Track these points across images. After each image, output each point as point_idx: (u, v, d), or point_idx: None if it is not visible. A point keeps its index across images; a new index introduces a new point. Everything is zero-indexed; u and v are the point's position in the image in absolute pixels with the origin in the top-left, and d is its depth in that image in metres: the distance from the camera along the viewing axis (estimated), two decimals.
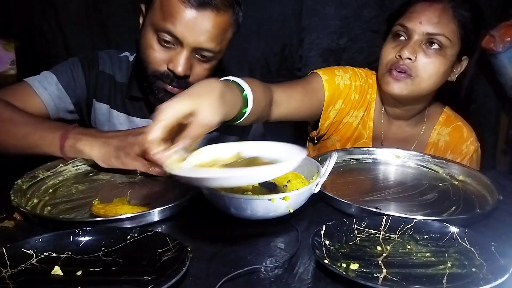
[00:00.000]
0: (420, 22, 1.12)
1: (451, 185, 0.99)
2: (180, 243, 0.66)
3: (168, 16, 0.97)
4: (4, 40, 1.99)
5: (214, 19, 0.98)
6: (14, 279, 0.61)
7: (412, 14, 1.14)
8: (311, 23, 1.67)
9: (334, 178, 0.98)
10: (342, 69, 1.29)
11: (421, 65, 1.12)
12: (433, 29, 1.11)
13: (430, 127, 1.29)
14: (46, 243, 0.67)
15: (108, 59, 1.20)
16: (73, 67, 1.17)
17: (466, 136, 1.27)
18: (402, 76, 1.13)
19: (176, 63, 1.00)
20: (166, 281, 0.57)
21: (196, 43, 0.99)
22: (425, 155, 1.11)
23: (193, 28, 0.97)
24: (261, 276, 0.64)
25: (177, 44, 1.00)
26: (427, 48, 1.12)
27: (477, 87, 1.74)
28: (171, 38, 0.99)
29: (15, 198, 0.83)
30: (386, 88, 1.16)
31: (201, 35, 0.98)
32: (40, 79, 1.13)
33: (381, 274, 0.63)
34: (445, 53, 1.13)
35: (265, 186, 0.85)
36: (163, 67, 1.03)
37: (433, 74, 1.13)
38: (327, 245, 0.68)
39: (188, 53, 1.00)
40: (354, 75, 1.28)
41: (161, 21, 0.98)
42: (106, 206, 0.81)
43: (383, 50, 1.19)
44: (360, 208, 0.82)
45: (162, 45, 1.01)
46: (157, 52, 1.02)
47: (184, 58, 1.00)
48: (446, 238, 0.71)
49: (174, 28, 0.97)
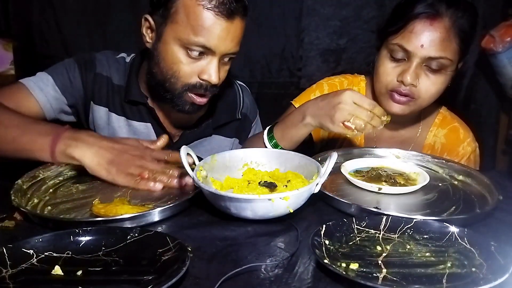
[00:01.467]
0: (422, 45, 1.06)
1: (451, 185, 0.99)
2: (180, 243, 0.66)
3: (199, 29, 0.97)
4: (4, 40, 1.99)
5: (240, 25, 1.01)
6: (14, 279, 0.61)
7: (412, 35, 1.07)
8: (311, 23, 1.67)
9: (334, 178, 0.98)
10: (318, 88, 1.30)
11: (424, 87, 1.10)
12: (435, 52, 1.07)
13: (426, 129, 1.28)
14: (46, 243, 0.67)
15: (105, 61, 1.18)
16: (69, 68, 1.15)
17: (462, 137, 1.26)
18: (404, 100, 1.11)
19: (210, 72, 1.01)
20: (166, 281, 0.57)
21: (226, 50, 1.01)
22: (425, 155, 1.11)
23: (226, 38, 0.99)
24: (261, 276, 0.64)
25: (207, 53, 1.00)
26: (428, 70, 1.10)
27: (477, 87, 1.74)
28: (202, 50, 0.99)
29: (16, 198, 0.83)
30: (388, 108, 1.13)
31: (231, 42, 1.01)
32: (36, 80, 1.12)
33: (381, 274, 0.63)
34: (446, 72, 1.11)
35: (265, 186, 0.85)
36: (194, 79, 1.03)
37: (435, 93, 1.13)
38: (327, 245, 0.68)
39: (218, 60, 1.01)
40: (332, 89, 1.27)
41: (191, 35, 0.97)
42: (106, 206, 0.81)
43: (380, 68, 1.14)
44: (360, 208, 0.82)
45: (192, 58, 1.00)
46: (186, 65, 1.01)
47: (216, 67, 1.01)
48: (446, 238, 0.71)
49: (207, 41, 0.98)
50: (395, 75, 1.11)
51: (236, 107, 1.27)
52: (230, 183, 0.88)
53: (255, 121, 1.34)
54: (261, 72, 1.71)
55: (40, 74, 1.14)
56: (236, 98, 1.27)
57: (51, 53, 1.66)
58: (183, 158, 0.83)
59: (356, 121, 0.95)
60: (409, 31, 1.08)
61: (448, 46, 1.08)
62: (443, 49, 1.07)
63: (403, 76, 1.09)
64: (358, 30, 1.67)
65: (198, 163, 0.87)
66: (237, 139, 1.29)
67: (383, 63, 1.14)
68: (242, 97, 1.28)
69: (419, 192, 0.94)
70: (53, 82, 1.12)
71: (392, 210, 0.83)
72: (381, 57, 1.15)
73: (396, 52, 1.10)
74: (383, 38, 1.15)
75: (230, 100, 1.26)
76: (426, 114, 1.27)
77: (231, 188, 0.86)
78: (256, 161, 0.95)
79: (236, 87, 1.29)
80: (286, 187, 0.83)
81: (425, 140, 1.28)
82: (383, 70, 1.14)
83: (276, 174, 0.92)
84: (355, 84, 1.31)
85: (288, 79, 1.72)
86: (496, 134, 1.82)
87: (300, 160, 0.91)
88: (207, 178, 0.87)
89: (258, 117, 1.36)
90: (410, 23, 1.08)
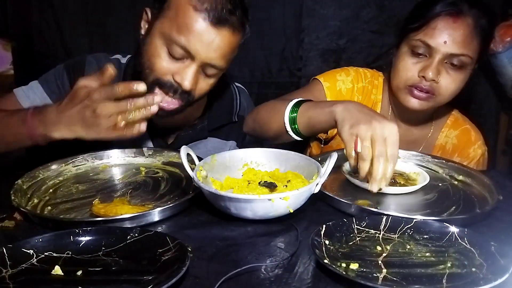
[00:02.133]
0: (445, 42, 1.07)
1: (451, 185, 0.99)
2: (180, 243, 0.66)
3: (183, 29, 0.94)
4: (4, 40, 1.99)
5: (229, 38, 0.96)
6: (14, 279, 0.61)
7: (435, 32, 1.08)
8: (311, 23, 1.67)
9: (334, 178, 0.98)
10: (344, 71, 1.28)
11: (444, 84, 1.10)
12: (457, 49, 1.08)
13: (438, 130, 1.29)
14: (46, 243, 0.67)
15: (96, 63, 1.15)
16: (58, 75, 1.15)
17: (474, 139, 1.26)
18: (424, 96, 1.12)
19: (184, 76, 0.97)
20: (166, 281, 0.57)
21: (207, 59, 0.96)
22: (425, 155, 1.11)
23: (208, 45, 0.95)
24: (261, 276, 0.64)
25: (187, 57, 0.96)
26: (449, 67, 1.10)
27: (477, 87, 1.74)
28: (183, 51, 0.95)
29: (16, 198, 0.83)
30: (406, 103, 1.14)
31: (214, 52, 0.96)
32: (27, 89, 1.13)
33: (381, 274, 0.63)
34: (466, 70, 1.11)
35: (265, 186, 0.85)
36: (168, 77, 0.99)
37: (454, 91, 1.13)
38: (327, 245, 0.68)
39: (197, 67, 0.97)
40: (357, 77, 1.27)
41: (174, 32, 0.94)
42: (106, 206, 0.81)
43: (401, 64, 1.14)
44: (360, 208, 0.82)
45: (172, 58, 0.97)
46: (164, 62, 0.98)
47: (192, 73, 0.97)
48: (446, 238, 0.71)
49: (188, 43, 0.94)
50: (416, 71, 1.12)
51: (233, 109, 1.24)
52: (230, 183, 0.88)
53: None
54: (261, 72, 1.72)
55: (32, 83, 1.15)
56: (233, 100, 1.25)
57: (51, 53, 1.66)
58: (183, 158, 0.83)
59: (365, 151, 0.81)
60: (432, 27, 1.09)
61: (470, 43, 1.09)
62: (465, 46, 1.08)
63: (425, 71, 1.09)
64: (358, 30, 1.67)
65: (198, 163, 0.87)
66: (235, 141, 1.26)
67: (404, 59, 1.14)
68: (239, 99, 1.26)
69: (419, 192, 0.94)
70: (43, 90, 1.13)
71: (392, 210, 0.83)
72: (401, 53, 1.15)
73: (418, 48, 1.11)
74: (403, 35, 1.15)
75: (226, 103, 1.24)
76: (438, 115, 1.28)
77: (231, 188, 0.86)
78: (256, 161, 0.95)
79: (233, 89, 1.27)
80: (286, 187, 0.83)
81: (437, 140, 1.28)
82: (403, 66, 1.14)
83: (276, 174, 0.92)
84: (375, 78, 1.30)
85: (288, 79, 1.72)
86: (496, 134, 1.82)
87: (300, 160, 0.91)
88: (207, 178, 0.87)
89: None
90: (433, 20, 1.09)
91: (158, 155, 1.07)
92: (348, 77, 1.26)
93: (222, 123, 1.23)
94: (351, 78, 1.26)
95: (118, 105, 0.87)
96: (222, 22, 0.94)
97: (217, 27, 0.94)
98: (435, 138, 1.28)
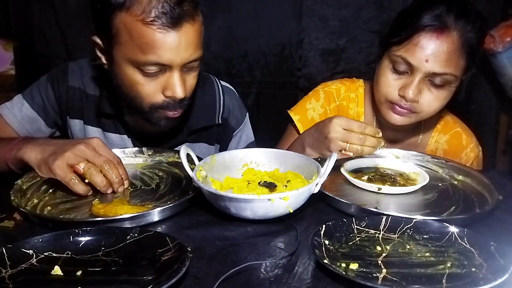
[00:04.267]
0: (427, 60, 1.01)
1: (450, 185, 0.99)
2: (180, 243, 0.66)
3: (146, 48, 0.88)
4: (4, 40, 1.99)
5: (192, 29, 0.90)
6: (14, 279, 0.61)
7: (417, 49, 1.01)
8: (311, 23, 1.67)
9: (334, 178, 0.98)
10: (314, 96, 1.27)
11: (426, 102, 1.06)
12: (440, 68, 1.01)
13: (428, 135, 1.25)
14: (46, 243, 0.67)
15: (78, 71, 1.12)
16: (42, 88, 1.13)
17: (465, 143, 1.23)
18: (405, 112, 1.08)
19: (173, 88, 0.93)
20: (166, 281, 0.57)
21: (183, 60, 0.91)
22: (425, 155, 1.11)
23: (178, 49, 0.89)
24: (260, 276, 0.64)
25: (164, 70, 0.92)
26: (431, 85, 1.05)
27: (477, 87, 1.74)
28: (158, 66, 0.91)
29: (15, 198, 0.83)
30: (388, 118, 1.11)
31: (187, 51, 0.91)
32: (11, 106, 1.12)
33: (381, 274, 0.63)
34: (449, 87, 1.06)
35: (265, 186, 0.85)
36: (159, 97, 0.95)
37: (437, 108, 1.09)
38: (327, 245, 0.68)
39: (179, 72, 0.93)
40: (328, 98, 1.26)
41: (139, 55, 0.89)
42: (106, 206, 0.81)
43: (381, 79, 1.09)
44: (360, 208, 0.82)
45: (149, 76, 0.92)
46: (146, 85, 0.93)
47: (179, 80, 0.93)
48: (445, 238, 0.71)
49: (160, 58, 0.89)
50: (396, 88, 1.07)
51: (215, 110, 1.16)
52: (230, 183, 0.88)
53: (239, 129, 1.22)
54: (261, 72, 1.72)
55: (16, 98, 1.14)
56: (215, 100, 1.16)
57: (52, 53, 1.67)
58: (183, 158, 0.83)
59: (352, 147, 0.98)
60: (413, 43, 1.02)
61: (454, 61, 1.02)
62: (449, 65, 1.02)
63: (404, 90, 1.05)
64: (357, 30, 1.67)
65: (197, 163, 0.87)
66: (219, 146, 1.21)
67: (385, 74, 1.09)
68: (222, 100, 1.17)
69: (419, 192, 0.94)
70: (28, 106, 1.12)
71: (392, 210, 0.83)
72: (382, 67, 1.10)
73: (399, 65, 1.05)
74: (386, 47, 1.09)
75: (207, 103, 1.16)
76: (427, 119, 1.20)
77: (230, 188, 0.86)
78: (256, 161, 0.95)
79: (217, 89, 1.18)
80: (286, 187, 0.83)
81: (427, 146, 1.25)
82: (384, 81, 1.09)
83: (276, 174, 0.92)
84: (353, 90, 1.27)
85: (288, 79, 1.72)
86: (496, 134, 1.82)
87: (300, 160, 0.91)
88: (206, 178, 0.87)
89: (245, 125, 1.24)
90: (416, 35, 1.02)
91: (158, 155, 1.07)
92: (318, 102, 1.25)
93: (203, 125, 1.15)
94: (321, 102, 1.24)
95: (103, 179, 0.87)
96: (177, 21, 0.87)
97: (176, 28, 0.88)
98: (425, 143, 1.25)
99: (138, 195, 0.89)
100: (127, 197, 0.88)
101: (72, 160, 0.85)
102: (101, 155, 0.88)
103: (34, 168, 0.88)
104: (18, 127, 1.11)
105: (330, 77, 1.69)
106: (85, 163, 0.86)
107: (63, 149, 0.86)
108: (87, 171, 0.85)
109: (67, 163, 0.85)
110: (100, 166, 0.87)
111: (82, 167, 0.85)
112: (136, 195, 0.89)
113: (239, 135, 1.23)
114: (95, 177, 0.86)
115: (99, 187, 0.87)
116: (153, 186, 0.94)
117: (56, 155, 0.85)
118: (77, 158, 0.85)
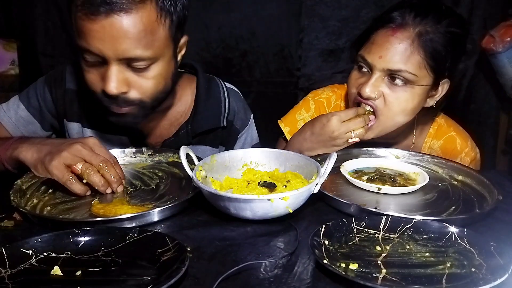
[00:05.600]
0: (380, 57, 1.00)
1: (450, 185, 0.99)
2: (179, 243, 0.66)
3: (80, 34, 0.87)
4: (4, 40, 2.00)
5: (126, 22, 0.85)
6: (13, 279, 0.61)
7: (373, 46, 1.02)
8: (310, 23, 1.67)
9: (334, 178, 0.98)
10: (304, 105, 1.26)
11: (386, 102, 1.03)
12: (393, 65, 0.99)
13: (420, 141, 1.21)
14: (45, 243, 0.67)
15: (76, 73, 1.10)
16: (39, 91, 1.12)
17: (460, 148, 1.19)
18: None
19: (105, 82, 0.89)
20: (165, 281, 0.57)
21: (117, 54, 0.86)
22: (424, 155, 1.11)
23: (105, 39, 0.85)
24: (260, 276, 0.64)
25: (100, 61, 0.89)
26: (390, 83, 1.02)
27: (477, 87, 1.75)
28: (92, 56, 0.88)
29: (15, 198, 0.83)
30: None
31: (118, 44, 0.86)
32: (7, 107, 1.12)
33: (381, 274, 0.63)
34: (412, 87, 1.02)
35: (264, 186, 0.85)
36: (99, 88, 0.93)
37: (399, 111, 1.04)
38: (327, 245, 0.68)
39: (116, 67, 0.88)
40: (318, 108, 1.25)
41: (77, 40, 0.89)
42: (105, 206, 0.81)
43: (348, 79, 1.11)
44: (360, 208, 0.82)
45: (89, 66, 0.91)
46: (88, 73, 0.92)
47: (112, 75, 0.88)
48: (445, 238, 0.71)
49: (89, 46, 0.87)
50: (357, 87, 1.06)
51: (220, 113, 1.14)
52: (230, 183, 0.88)
53: (244, 130, 1.20)
54: (260, 72, 1.72)
55: (13, 100, 1.13)
56: (220, 103, 1.14)
57: (55, 52, 1.67)
58: (183, 158, 0.83)
59: (356, 132, 1.01)
60: (371, 42, 1.03)
61: (410, 58, 0.99)
62: (404, 62, 0.99)
63: (361, 88, 1.03)
64: (357, 30, 1.67)
65: (197, 163, 0.87)
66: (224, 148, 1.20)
67: (350, 75, 1.10)
68: (227, 102, 1.15)
69: (419, 192, 0.94)
70: (24, 108, 1.11)
71: (391, 210, 0.83)
72: (351, 71, 1.11)
73: (361, 65, 1.06)
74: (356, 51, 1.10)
75: (212, 106, 1.14)
76: (419, 123, 1.19)
77: (230, 188, 0.86)
78: (256, 161, 0.95)
79: (221, 90, 1.16)
80: (286, 187, 0.83)
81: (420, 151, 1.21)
82: (349, 82, 1.10)
83: (276, 174, 0.92)
84: (344, 98, 1.25)
85: (287, 78, 1.72)
86: (496, 134, 1.82)
87: (299, 160, 0.91)
88: (206, 178, 0.87)
89: (250, 126, 1.23)
90: (374, 34, 1.04)
91: (158, 155, 1.07)
92: (308, 113, 1.24)
93: (208, 128, 1.13)
94: (311, 113, 1.24)
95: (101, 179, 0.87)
96: (105, 9, 0.83)
97: (105, 17, 0.84)
98: (418, 149, 1.20)
99: (137, 195, 0.89)
100: (126, 197, 0.88)
101: (69, 160, 0.85)
102: (98, 155, 0.88)
103: (30, 167, 0.88)
104: (13, 129, 1.10)
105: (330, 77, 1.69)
106: (82, 163, 0.86)
107: (59, 149, 0.86)
108: (84, 171, 0.85)
109: (64, 163, 0.84)
110: (98, 166, 0.87)
111: (80, 167, 0.85)
112: (136, 195, 0.89)
113: (244, 137, 1.22)
114: (93, 177, 0.86)
115: (98, 187, 0.87)
116: (152, 186, 0.94)
117: (53, 155, 0.85)
118: (74, 158, 0.85)
